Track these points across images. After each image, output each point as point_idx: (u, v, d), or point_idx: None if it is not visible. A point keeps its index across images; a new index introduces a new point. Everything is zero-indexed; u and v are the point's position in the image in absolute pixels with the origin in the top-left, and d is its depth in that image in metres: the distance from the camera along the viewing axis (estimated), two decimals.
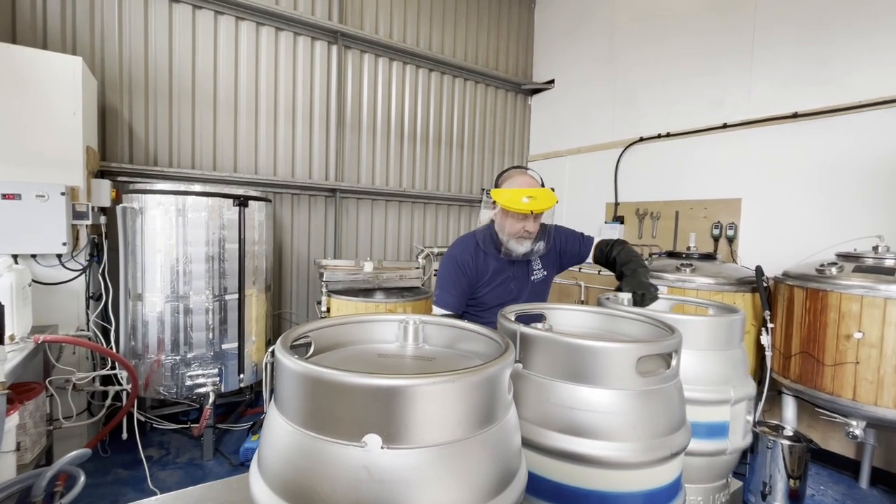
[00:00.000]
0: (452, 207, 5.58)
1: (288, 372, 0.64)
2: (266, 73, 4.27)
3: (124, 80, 3.68)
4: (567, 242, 2.24)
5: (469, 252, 2.03)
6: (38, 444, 2.67)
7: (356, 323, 0.94)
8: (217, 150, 4.10)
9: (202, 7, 3.94)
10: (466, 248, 2.05)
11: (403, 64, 5.06)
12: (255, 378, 3.49)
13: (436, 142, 5.38)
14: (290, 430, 0.64)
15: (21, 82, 2.80)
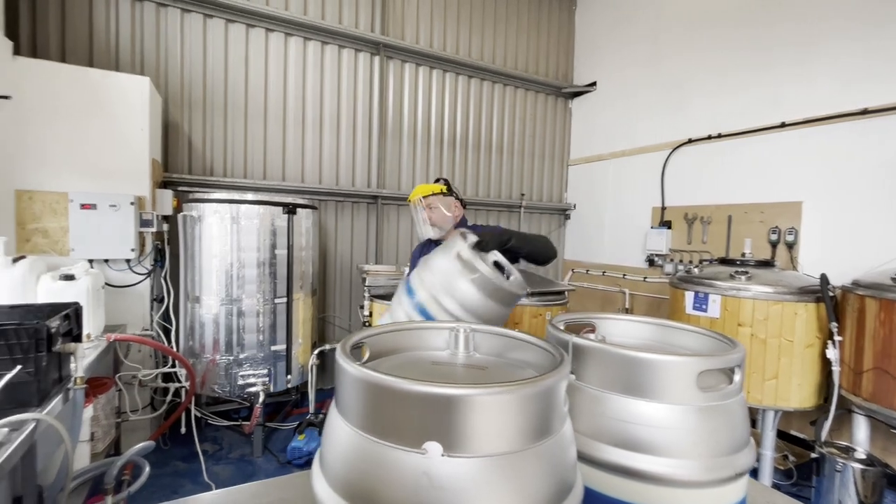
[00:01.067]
0: (492, 213, 5.57)
1: (350, 377, 0.67)
2: (312, 86, 4.45)
3: (185, 96, 3.95)
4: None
5: (421, 244, 2.42)
6: (109, 435, 2.88)
7: (409, 330, 0.96)
8: (267, 159, 4.30)
9: (255, 25, 4.16)
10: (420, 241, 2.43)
11: (443, 72, 5.13)
12: (301, 379, 3.62)
13: (475, 148, 5.40)
14: (350, 433, 0.66)
15: (97, 102, 3.06)
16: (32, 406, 1.71)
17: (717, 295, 3.13)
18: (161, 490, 2.86)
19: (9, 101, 2.84)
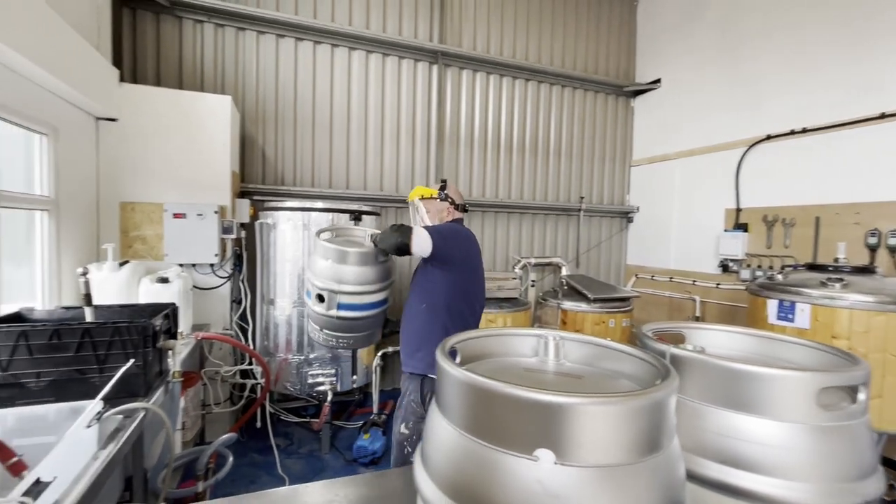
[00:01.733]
0: (550, 217, 5.47)
1: (456, 381, 0.68)
2: (374, 96, 4.61)
3: (259, 111, 4.23)
4: None
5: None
6: (196, 426, 3.13)
7: (496, 336, 0.97)
8: (332, 168, 4.50)
9: (321, 42, 4.38)
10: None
11: (500, 76, 5.12)
12: (365, 380, 3.73)
13: (532, 151, 5.34)
14: (455, 434, 0.68)
15: (186, 120, 3.36)
16: (140, 396, 1.90)
17: (805, 304, 2.87)
18: (240, 479, 3.05)
19: (115, 123, 3.19)
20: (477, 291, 2.16)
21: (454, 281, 2.04)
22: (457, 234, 2.07)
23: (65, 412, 1.66)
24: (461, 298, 2.06)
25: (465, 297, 2.08)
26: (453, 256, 2.03)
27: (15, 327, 1.75)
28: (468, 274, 2.10)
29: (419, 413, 2.05)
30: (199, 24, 3.99)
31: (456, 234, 2.07)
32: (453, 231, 2.07)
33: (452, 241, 2.03)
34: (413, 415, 2.07)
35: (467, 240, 2.12)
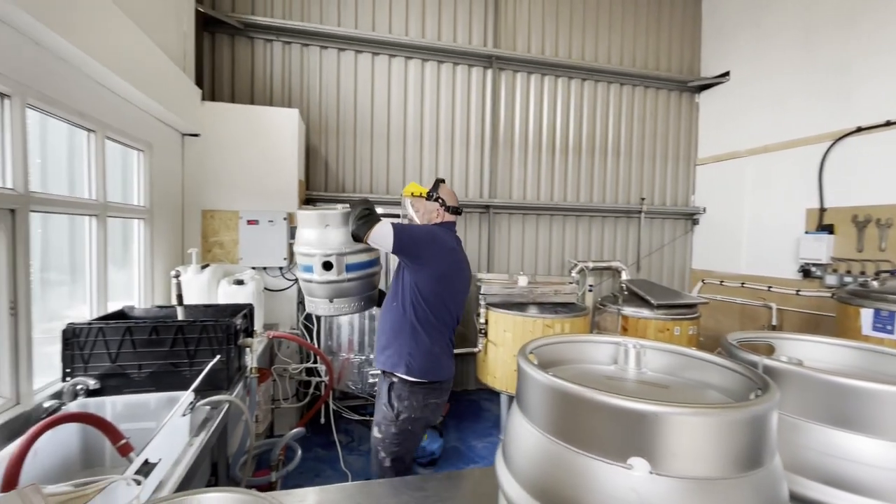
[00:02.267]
0: (608, 219, 5.30)
1: (539, 385, 0.69)
2: (429, 103, 4.70)
3: (321, 122, 4.45)
4: None
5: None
6: (266, 419, 3.34)
7: (571, 342, 0.96)
8: (389, 175, 4.64)
9: (379, 53, 4.54)
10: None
11: (556, 77, 5.05)
12: None
13: (590, 152, 5.20)
14: (541, 438, 0.68)
15: (258, 133, 3.61)
16: (224, 390, 2.06)
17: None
18: (307, 472, 3.21)
19: (198, 138, 3.49)
20: (449, 299, 2.05)
21: (423, 284, 1.97)
22: (432, 238, 1.98)
23: (163, 401, 1.84)
24: (429, 304, 1.99)
25: (434, 304, 2.00)
26: (420, 258, 1.95)
27: (122, 323, 1.96)
28: (440, 281, 2.00)
29: (389, 417, 2.01)
30: (268, 43, 4.28)
31: (431, 238, 1.98)
32: (429, 234, 1.99)
33: (423, 243, 1.95)
34: (384, 419, 2.04)
35: (445, 246, 2.01)
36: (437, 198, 2.14)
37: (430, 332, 2.00)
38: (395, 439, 2.02)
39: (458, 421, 4.16)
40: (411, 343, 1.99)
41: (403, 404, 1.99)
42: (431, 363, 2.00)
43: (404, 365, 1.98)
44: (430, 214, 2.14)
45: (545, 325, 3.65)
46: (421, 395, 2.00)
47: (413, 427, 2.03)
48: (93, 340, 1.92)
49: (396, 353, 2.01)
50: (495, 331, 3.84)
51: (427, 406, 2.03)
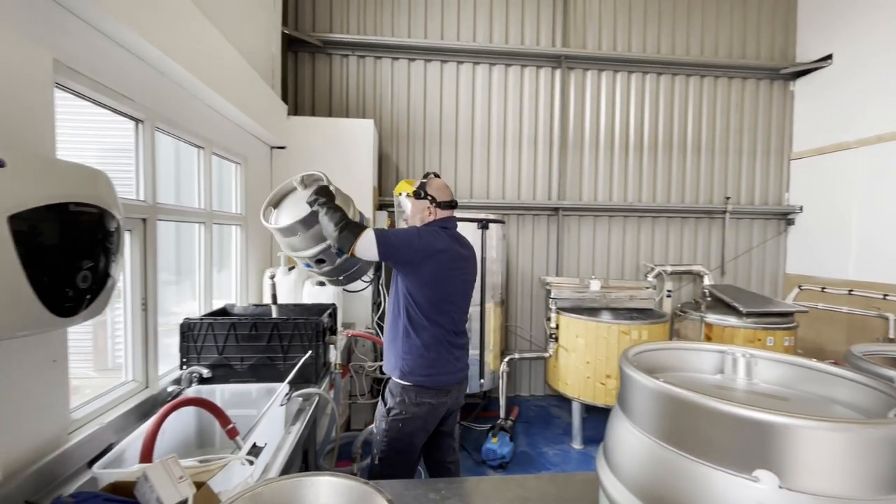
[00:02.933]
0: (688, 220, 4.98)
1: (651, 392, 0.69)
2: (497, 107, 4.72)
3: (392, 130, 4.63)
4: None
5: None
6: (345, 413, 3.53)
7: (673, 349, 0.94)
8: (457, 179, 4.72)
9: (448, 60, 4.64)
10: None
11: (629, 73, 4.85)
12: (491, 384, 3.81)
13: (666, 149, 4.93)
14: (650, 443, 0.68)
15: (336, 143, 3.83)
16: (313, 383, 2.21)
17: None
18: None
19: (283, 150, 3.78)
20: (444, 301, 1.95)
21: (413, 288, 1.90)
22: (417, 241, 1.87)
23: (262, 391, 2.02)
24: (421, 307, 1.92)
25: (427, 307, 1.92)
26: (407, 264, 1.88)
27: (227, 319, 2.18)
28: (431, 284, 1.91)
29: (381, 412, 1.99)
30: (344, 58, 4.54)
31: (416, 241, 1.87)
32: (413, 238, 1.88)
33: (407, 248, 1.85)
34: (378, 414, 2.02)
35: (431, 248, 1.88)
36: (426, 195, 2.00)
37: (423, 335, 1.93)
38: (384, 436, 1.96)
39: (527, 426, 4.11)
40: (404, 347, 1.94)
41: (395, 400, 1.95)
42: (424, 367, 1.92)
43: (398, 369, 1.95)
44: (421, 213, 2.02)
45: (620, 332, 3.51)
46: (413, 392, 1.93)
47: (405, 426, 1.93)
48: (204, 334, 2.16)
49: (392, 357, 1.99)
50: (566, 336, 3.76)
51: (420, 405, 1.92)
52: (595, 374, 3.58)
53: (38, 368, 1.37)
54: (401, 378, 1.95)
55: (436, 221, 2.01)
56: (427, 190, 2.01)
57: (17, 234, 0.88)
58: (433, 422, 2.01)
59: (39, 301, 0.94)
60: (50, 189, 0.96)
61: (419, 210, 2.02)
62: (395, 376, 1.97)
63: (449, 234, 2.01)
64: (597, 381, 3.58)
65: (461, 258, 2.04)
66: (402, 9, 4.55)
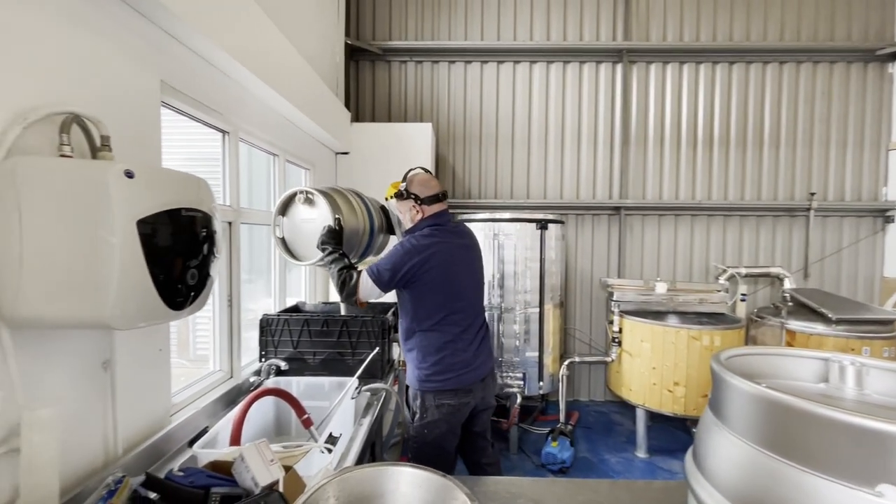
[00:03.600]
0: (765, 218, 4.61)
1: (752, 398, 0.66)
2: (555, 105, 4.64)
3: (449, 133, 4.69)
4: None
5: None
6: (402, 411, 3.62)
7: (768, 355, 0.89)
8: (514, 179, 4.69)
9: (504, 61, 4.63)
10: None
11: (696, 64, 4.58)
12: (551, 387, 3.75)
13: (740, 143, 4.60)
14: (751, 451, 0.65)
15: (396, 148, 3.95)
16: (379, 379, 2.30)
17: None
18: None
19: (347, 156, 3.95)
20: (450, 300, 1.92)
21: (416, 298, 1.89)
22: (405, 258, 1.83)
23: (334, 384, 2.13)
24: (430, 314, 1.89)
25: (433, 311, 1.90)
26: (410, 282, 1.86)
27: (301, 316, 2.32)
28: (433, 289, 1.88)
29: (408, 419, 1.99)
30: (402, 64, 4.66)
31: (404, 259, 1.83)
32: (401, 258, 1.84)
33: (401, 270, 1.83)
34: (407, 420, 2.03)
35: (420, 255, 1.84)
36: (409, 195, 1.95)
37: (434, 340, 1.91)
38: (414, 442, 1.98)
39: (588, 432, 4.00)
40: (418, 356, 1.93)
41: (417, 406, 1.96)
42: (440, 371, 1.90)
43: (416, 379, 1.95)
44: (410, 213, 1.96)
45: (690, 337, 3.33)
46: (432, 396, 1.91)
47: (430, 432, 1.92)
48: (280, 329, 2.31)
49: (410, 367, 1.98)
50: (630, 340, 3.62)
51: (441, 407, 1.90)
52: (662, 381, 3.42)
53: (148, 356, 1.54)
54: (420, 386, 1.94)
55: (425, 219, 1.95)
56: (409, 189, 1.95)
57: (142, 237, 1.00)
58: (458, 423, 1.98)
59: (158, 295, 1.06)
60: (166, 196, 1.09)
61: (406, 210, 1.97)
62: (415, 386, 1.96)
63: (441, 231, 1.94)
64: (664, 388, 3.42)
65: (461, 248, 2.00)
66: (458, 12, 4.61)
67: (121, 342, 1.38)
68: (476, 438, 2.15)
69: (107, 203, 0.95)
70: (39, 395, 1.11)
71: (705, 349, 3.33)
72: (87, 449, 1.28)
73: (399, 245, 1.89)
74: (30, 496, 0.94)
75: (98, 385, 1.32)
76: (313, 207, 2.02)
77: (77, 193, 0.97)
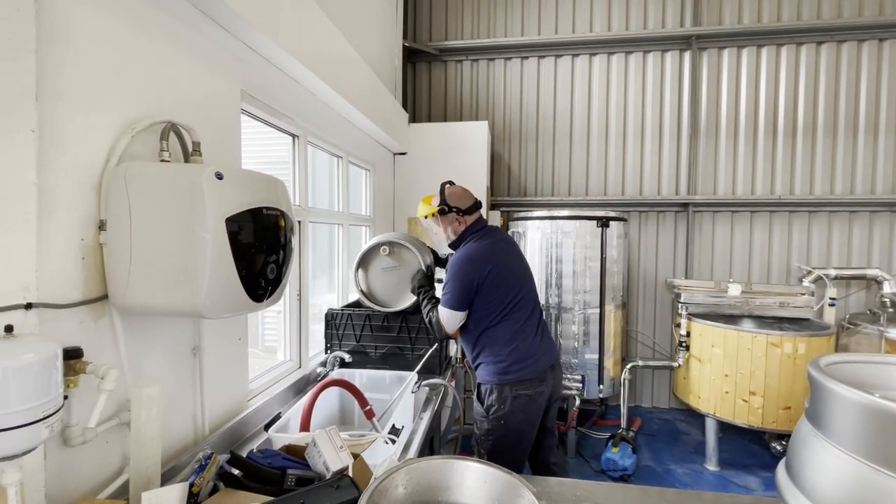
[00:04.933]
0: (858, 215, 4.14)
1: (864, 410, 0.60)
2: (616, 98, 4.46)
3: (505, 131, 4.65)
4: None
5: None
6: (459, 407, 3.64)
7: (874, 363, 0.80)
8: (572, 176, 4.56)
9: (562, 55, 4.52)
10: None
11: (777, 46, 4.21)
12: (611, 391, 3.62)
13: (829, 131, 4.16)
14: (858, 466, 0.59)
15: (452, 146, 3.98)
16: (437, 375, 2.33)
17: None
18: None
19: (405, 156, 4.04)
20: (513, 296, 1.98)
21: (482, 302, 1.95)
22: (467, 279, 1.92)
23: (394, 378, 2.19)
24: (495, 312, 1.96)
25: (500, 309, 1.97)
26: (478, 295, 1.94)
27: (363, 311, 2.40)
28: (492, 290, 1.95)
29: (480, 412, 2.00)
30: (458, 64, 4.69)
31: (467, 275, 1.92)
32: (465, 275, 1.92)
33: (468, 289, 1.92)
34: (477, 414, 2.03)
35: (477, 266, 1.94)
36: (450, 208, 2.04)
37: (502, 334, 1.97)
38: (488, 436, 1.98)
39: (651, 439, 3.81)
40: (493, 350, 1.98)
41: (493, 398, 1.97)
42: (514, 363, 1.95)
43: (491, 374, 1.98)
44: (452, 226, 2.07)
45: (770, 344, 3.07)
46: (509, 388, 1.94)
47: (507, 423, 1.95)
48: (344, 323, 2.41)
49: (485, 363, 2.01)
50: (700, 345, 3.40)
51: (518, 398, 1.94)
52: (736, 390, 3.18)
53: (230, 345, 1.67)
54: (498, 380, 1.97)
55: (468, 228, 2.07)
56: (450, 203, 2.05)
57: (230, 233, 1.09)
58: (536, 413, 2.01)
59: (243, 288, 1.15)
60: (249, 196, 1.17)
61: (449, 224, 2.07)
62: (492, 381, 1.98)
63: (483, 234, 2.06)
64: (738, 398, 3.18)
65: (505, 243, 2.11)
66: (515, 8, 4.55)
67: (207, 331, 1.51)
68: (545, 435, 2.16)
69: (201, 202, 1.04)
70: (142, 375, 1.24)
71: (787, 357, 3.05)
72: (180, 426, 1.41)
73: (454, 266, 1.99)
74: (138, 465, 1.05)
75: (189, 369, 1.45)
76: (391, 257, 2.34)
77: (175, 194, 1.07)
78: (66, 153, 1.03)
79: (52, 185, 0.99)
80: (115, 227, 1.08)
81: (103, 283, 1.11)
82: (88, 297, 1.08)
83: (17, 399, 0.77)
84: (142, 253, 1.07)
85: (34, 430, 0.79)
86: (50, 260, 0.98)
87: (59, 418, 0.84)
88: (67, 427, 1.01)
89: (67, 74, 1.02)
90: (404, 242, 2.32)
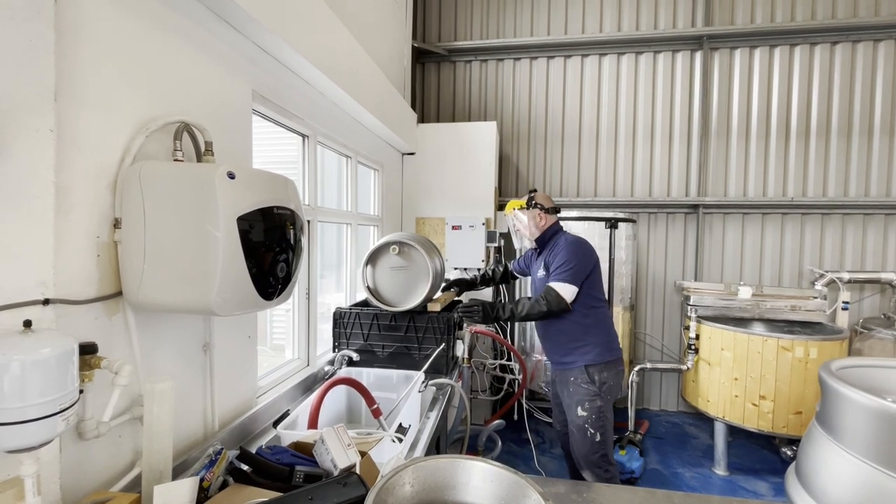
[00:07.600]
0: (873, 217, 4.08)
1: (877, 414, 0.59)
2: (625, 98, 4.43)
3: (513, 131, 4.65)
4: (553, 258, 2.31)
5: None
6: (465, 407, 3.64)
7: (888, 368, 0.79)
8: (580, 177, 4.55)
9: (571, 55, 4.50)
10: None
11: (790, 47, 4.16)
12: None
13: (843, 133, 4.11)
14: (870, 471, 0.59)
15: (460, 147, 3.98)
16: (444, 375, 2.34)
17: None
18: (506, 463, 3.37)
19: (413, 156, 4.05)
20: (601, 284, 2.41)
21: (586, 288, 2.27)
22: (584, 255, 2.28)
23: (402, 377, 2.20)
24: (596, 295, 2.32)
25: (599, 293, 2.35)
26: (591, 273, 2.28)
27: (371, 310, 2.42)
28: (596, 274, 2.33)
29: (592, 391, 2.22)
30: (467, 64, 4.69)
31: (583, 252, 2.29)
32: (580, 256, 2.26)
33: (582, 262, 2.25)
34: (587, 395, 2.23)
35: (586, 246, 2.34)
36: (536, 204, 2.39)
37: (601, 317, 2.31)
38: (599, 413, 2.22)
39: (659, 442, 3.78)
40: (601, 331, 2.29)
41: (602, 376, 2.23)
42: (612, 341, 2.33)
43: (596, 355, 2.24)
44: (535, 220, 2.39)
45: (781, 347, 3.03)
46: (612, 366, 2.27)
47: (612, 397, 2.27)
48: (352, 322, 2.42)
49: (589, 348, 2.25)
50: (709, 348, 3.37)
51: (619, 373, 2.30)
52: (745, 394, 3.15)
53: (240, 342, 1.69)
54: (606, 357, 2.25)
55: (551, 226, 2.42)
56: (536, 200, 2.42)
57: (241, 232, 1.10)
58: (621, 388, 2.36)
59: (253, 286, 1.16)
60: (260, 195, 1.18)
61: (532, 217, 2.40)
62: (600, 360, 2.24)
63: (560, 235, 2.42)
64: (747, 402, 3.14)
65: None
66: (524, 9, 4.55)
67: (218, 328, 1.53)
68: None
69: (213, 201, 1.05)
70: (154, 371, 1.26)
71: (798, 361, 3.01)
72: (190, 422, 1.43)
73: (572, 247, 2.29)
74: (150, 459, 1.07)
75: (199, 365, 1.47)
76: (401, 256, 2.40)
77: (188, 193, 1.08)
78: (84, 152, 1.05)
79: (70, 184, 1.01)
80: (129, 225, 1.10)
81: (118, 279, 1.13)
82: (103, 293, 1.10)
83: (34, 392, 0.79)
84: (155, 251, 1.09)
85: (51, 423, 0.81)
86: (66, 257, 1.00)
87: (74, 412, 0.86)
88: (82, 421, 1.03)
89: (85, 75, 1.04)
90: (414, 244, 2.35)
